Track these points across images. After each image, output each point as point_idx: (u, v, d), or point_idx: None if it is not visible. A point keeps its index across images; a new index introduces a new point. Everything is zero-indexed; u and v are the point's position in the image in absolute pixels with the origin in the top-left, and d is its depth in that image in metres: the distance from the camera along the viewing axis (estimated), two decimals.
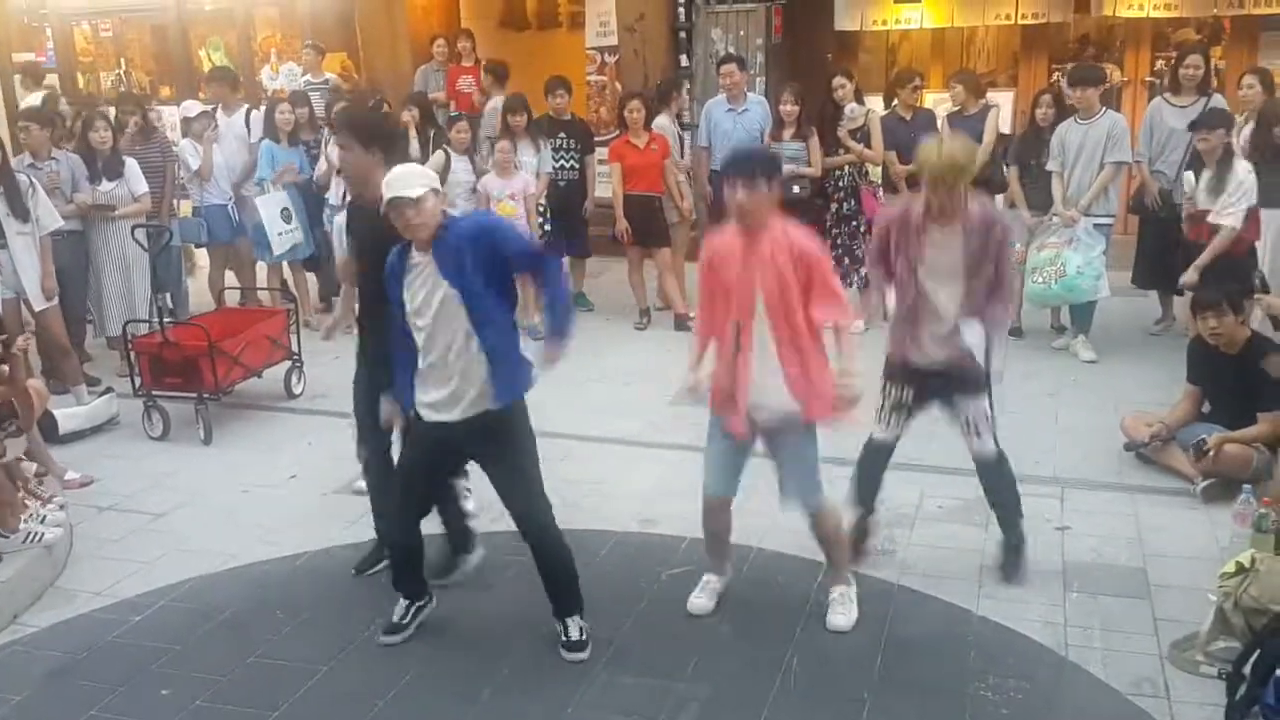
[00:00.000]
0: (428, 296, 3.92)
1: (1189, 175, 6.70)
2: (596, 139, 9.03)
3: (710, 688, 3.99)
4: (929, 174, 4.28)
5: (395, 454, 4.61)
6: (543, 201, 8.21)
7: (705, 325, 4.25)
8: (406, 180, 3.85)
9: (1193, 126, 6.77)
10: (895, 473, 5.00)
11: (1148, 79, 9.95)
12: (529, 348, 4.17)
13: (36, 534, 5.03)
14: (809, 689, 3.96)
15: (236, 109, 8.91)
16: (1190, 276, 6.43)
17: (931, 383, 4.50)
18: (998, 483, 4.61)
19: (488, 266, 3.90)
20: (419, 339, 4.00)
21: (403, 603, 4.40)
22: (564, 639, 4.21)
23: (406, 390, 4.12)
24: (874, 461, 4.72)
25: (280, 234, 8.29)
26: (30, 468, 5.64)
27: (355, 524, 5.38)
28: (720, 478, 4.31)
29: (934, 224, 4.33)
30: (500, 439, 4.07)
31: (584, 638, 4.20)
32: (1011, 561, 4.64)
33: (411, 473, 4.24)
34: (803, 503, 4.27)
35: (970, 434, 4.50)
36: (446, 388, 4.00)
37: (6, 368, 5.45)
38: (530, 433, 4.14)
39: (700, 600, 4.51)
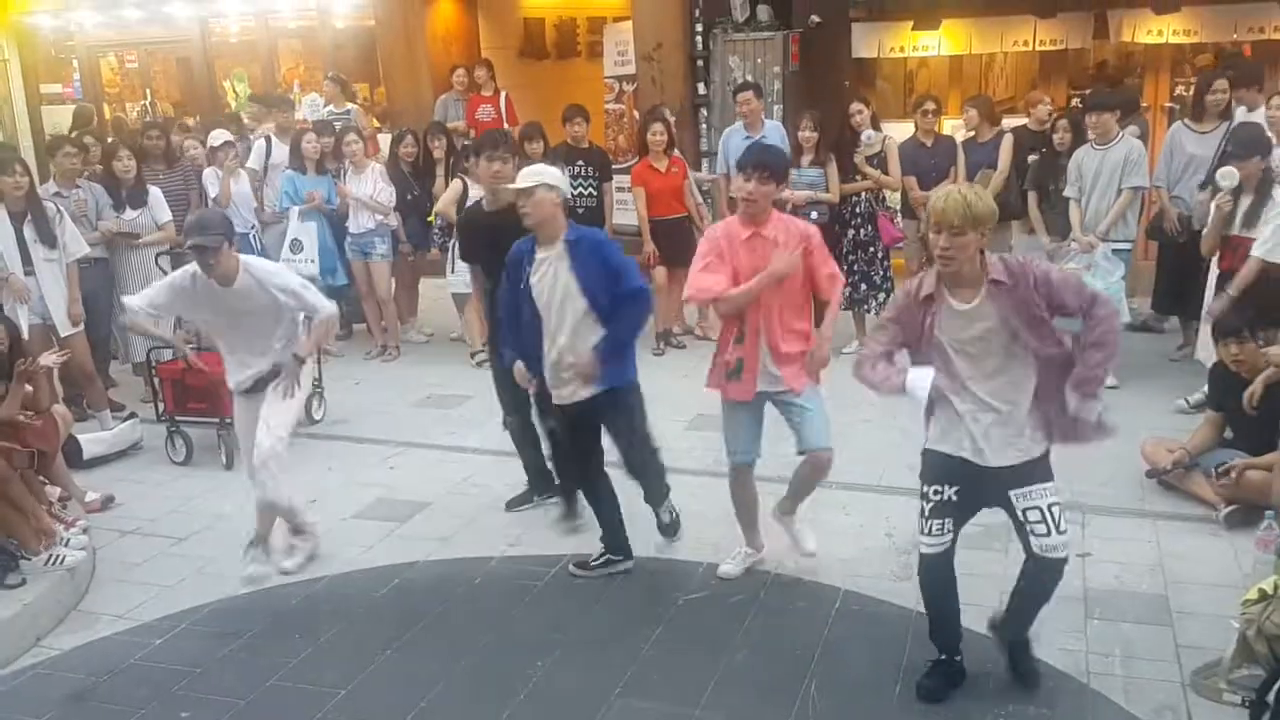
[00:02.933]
0: (553, 286, 4.68)
1: (1227, 170, 6.54)
2: (614, 166, 9.07)
3: (727, 713, 3.98)
4: (933, 217, 3.69)
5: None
6: None
7: (707, 288, 4.56)
8: (524, 175, 4.72)
9: (1227, 158, 6.71)
10: (912, 498, 4.99)
11: (1167, 105, 9.93)
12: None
13: (59, 556, 5.08)
14: (826, 716, 3.94)
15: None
16: (1218, 306, 6.33)
17: (989, 485, 3.84)
18: (1046, 589, 3.94)
19: (602, 273, 4.69)
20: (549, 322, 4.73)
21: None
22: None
23: (533, 360, 4.84)
24: (937, 582, 3.97)
25: (286, 261, 8.35)
26: (54, 492, 5.70)
27: (372, 549, 5.42)
28: (743, 445, 4.72)
29: (950, 293, 3.75)
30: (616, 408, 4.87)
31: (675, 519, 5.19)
32: (1030, 670, 4.12)
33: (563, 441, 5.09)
34: (817, 445, 4.63)
35: (1046, 525, 3.79)
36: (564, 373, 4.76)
37: (31, 387, 5.52)
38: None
39: (729, 567, 4.92)
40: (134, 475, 6.52)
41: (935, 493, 3.87)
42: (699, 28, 10.32)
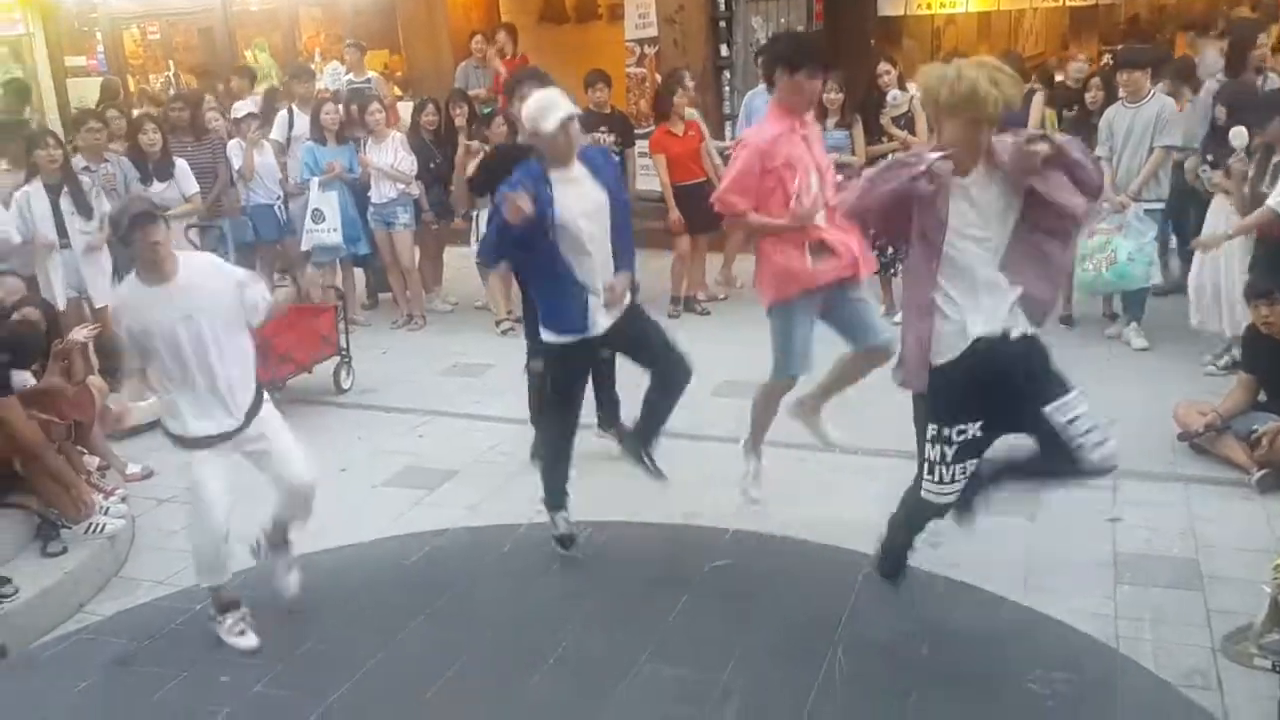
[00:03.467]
0: (586, 204, 4.45)
1: (1240, 130, 6.48)
2: (636, 131, 9.04)
3: (754, 680, 4.01)
4: (945, 105, 3.38)
5: None
6: None
7: (744, 203, 4.49)
8: (546, 106, 4.37)
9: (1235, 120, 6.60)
10: None
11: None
12: None
13: (99, 525, 5.19)
14: (853, 682, 3.96)
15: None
16: (1206, 240, 6.24)
17: (1004, 384, 3.54)
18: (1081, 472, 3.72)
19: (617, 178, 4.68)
20: (584, 247, 4.45)
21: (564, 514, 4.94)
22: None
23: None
24: (920, 522, 3.97)
25: (308, 232, 8.41)
26: (93, 462, 5.79)
27: (402, 516, 5.48)
28: (803, 361, 4.64)
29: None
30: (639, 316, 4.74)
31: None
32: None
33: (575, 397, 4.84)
34: (880, 338, 4.56)
35: (1089, 436, 3.56)
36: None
37: (67, 362, 5.61)
38: None
39: (756, 492, 4.98)
40: (169, 445, 6.56)
41: (959, 432, 3.52)
42: None
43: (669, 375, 4.78)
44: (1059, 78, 8.44)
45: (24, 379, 5.41)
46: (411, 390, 7.28)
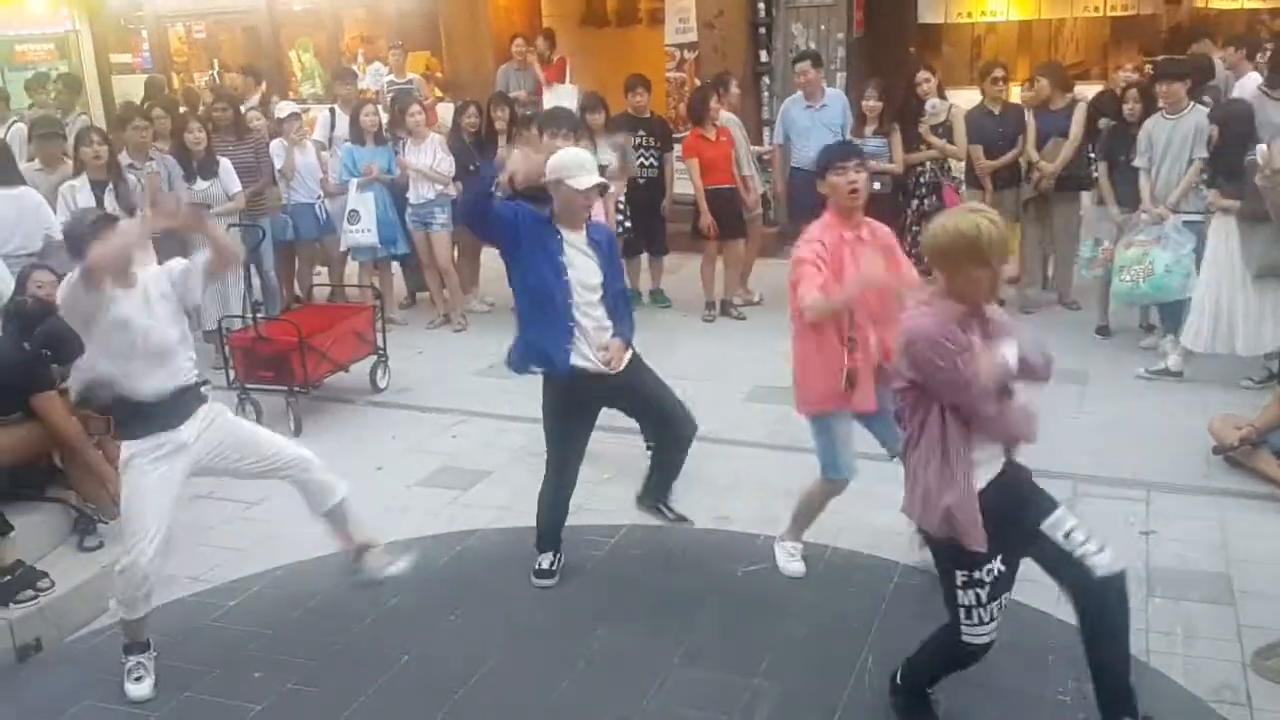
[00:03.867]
0: (585, 272, 4.54)
1: (1262, 148, 6.44)
2: (675, 135, 9.08)
3: (785, 685, 4.04)
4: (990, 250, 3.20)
5: None
6: (621, 200, 8.26)
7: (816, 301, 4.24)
8: (575, 165, 4.48)
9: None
10: None
11: None
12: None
13: None
14: (883, 690, 3.95)
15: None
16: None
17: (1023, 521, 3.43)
18: (1121, 619, 3.46)
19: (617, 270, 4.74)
20: (586, 304, 4.54)
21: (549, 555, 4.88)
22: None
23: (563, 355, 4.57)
24: (960, 667, 3.65)
25: (345, 232, 8.51)
26: None
27: (438, 515, 5.54)
28: (851, 461, 4.59)
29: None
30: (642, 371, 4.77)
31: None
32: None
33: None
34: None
35: (1088, 545, 3.41)
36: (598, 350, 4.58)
37: None
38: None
39: (797, 565, 4.82)
40: None
41: (987, 572, 3.36)
42: None
43: (676, 436, 4.86)
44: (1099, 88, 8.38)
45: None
46: (447, 390, 7.34)
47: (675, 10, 11.05)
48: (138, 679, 4.19)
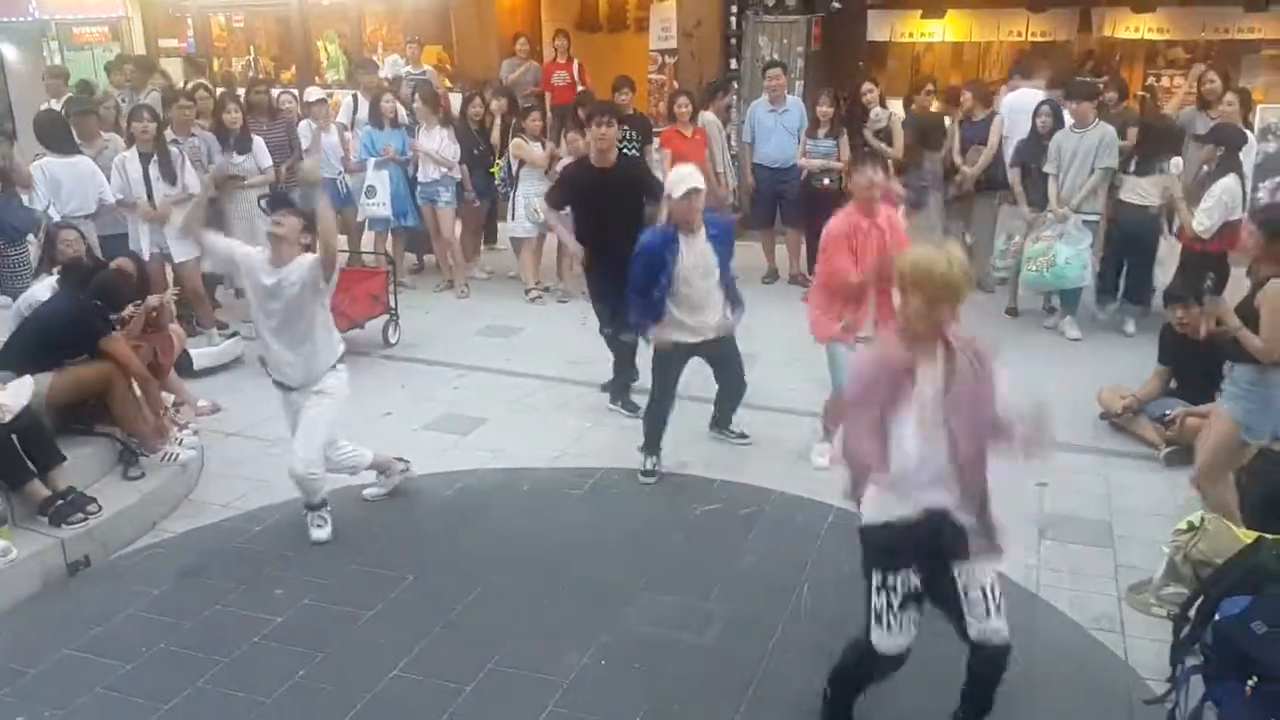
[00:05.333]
0: (701, 266, 4.93)
1: (1176, 161, 6.51)
2: (654, 130, 9.00)
3: (733, 608, 4.09)
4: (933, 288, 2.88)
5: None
6: None
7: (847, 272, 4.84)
8: (695, 177, 4.89)
9: (1200, 141, 6.62)
10: None
11: (1138, 93, 9.71)
12: None
13: (173, 454, 5.20)
14: (817, 614, 4.03)
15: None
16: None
17: (937, 547, 3.03)
18: (996, 675, 3.15)
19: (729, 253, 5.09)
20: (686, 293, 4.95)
21: (654, 458, 5.20)
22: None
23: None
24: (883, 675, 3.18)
25: (362, 205, 8.42)
26: (169, 398, 5.82)
27: (439, 456, 5.53)
28: None
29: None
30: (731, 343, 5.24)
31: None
32: None
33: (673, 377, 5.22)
34: None
35: (987, 608, 3.01)
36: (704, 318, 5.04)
37: (155, 306, 5.65)
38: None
39: (823, 460, 5.11)
40: (236, 385, 6.61)
41: (898, 579, 2.98)
42: (734, 9, 10.13)
43: (736, 389, 5.42)
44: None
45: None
46: (450, 346, 7.29)
47: (659, 19, 10.92)
48: (319, 525, 4.61)
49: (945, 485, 2.98)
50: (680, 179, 4.90)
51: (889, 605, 2.98)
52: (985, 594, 3.01)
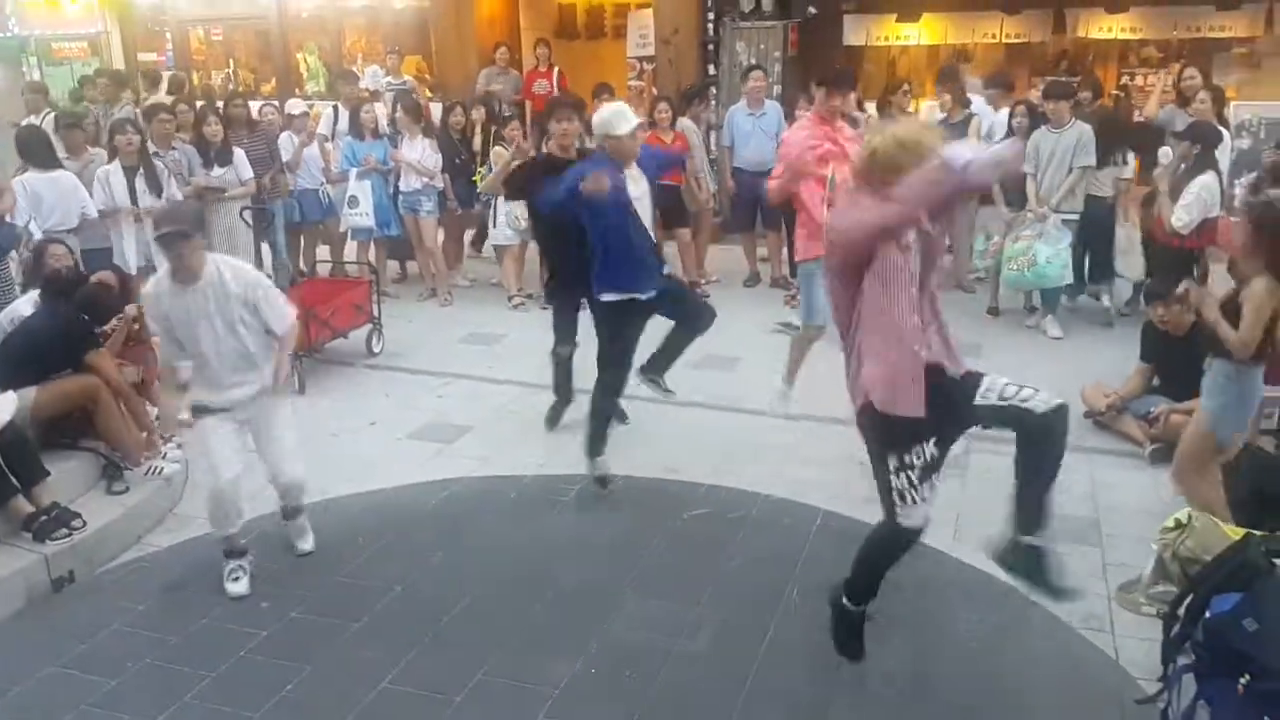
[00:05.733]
0: (639, 191, 4.74)
1: (1164, 150, 6.52)
2: None
3: (723, 613, 4.03)
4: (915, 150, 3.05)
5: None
6: None
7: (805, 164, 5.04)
8: (620, 118, 4.67)
9: (1178, 137, 6.64)
10: None
11: (1113, 92, 9.76)
12: None
13: (157, 468, 5.12)
14: (806, 617, 3.96)
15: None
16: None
17: (956, 405, 3.17)
18: (1061, 437, 3.21)
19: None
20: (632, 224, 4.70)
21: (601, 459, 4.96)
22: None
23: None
24: (898, 553, 3.37)
25: (345, 215, 8.33)
26: (153, 412, 5.72)
27: (423, 465, 5.46)
28: (821, 313, 5.00)
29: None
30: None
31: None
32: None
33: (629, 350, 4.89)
34: None
35: (1027, 393, 3.15)
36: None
37: (137, 326, 5.55)
38: None
39: (786, 406, 5.32)
40: None
41: (916, 456, 3.13)
42: (711, 16, 10.13)
43: (698, 318, 5.04)
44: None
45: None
46: (433, 355, 7.22)
47: (636, 27, 10.92)
48: (235, 578, 4.28)
49: (933, 340, 3.13)
50: (623, 114, 4.69)
51: (910, 483, 3.14)
52: (1007, 386, 3.15)
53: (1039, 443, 3.20)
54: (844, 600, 3.51)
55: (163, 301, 4.13)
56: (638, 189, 4.79)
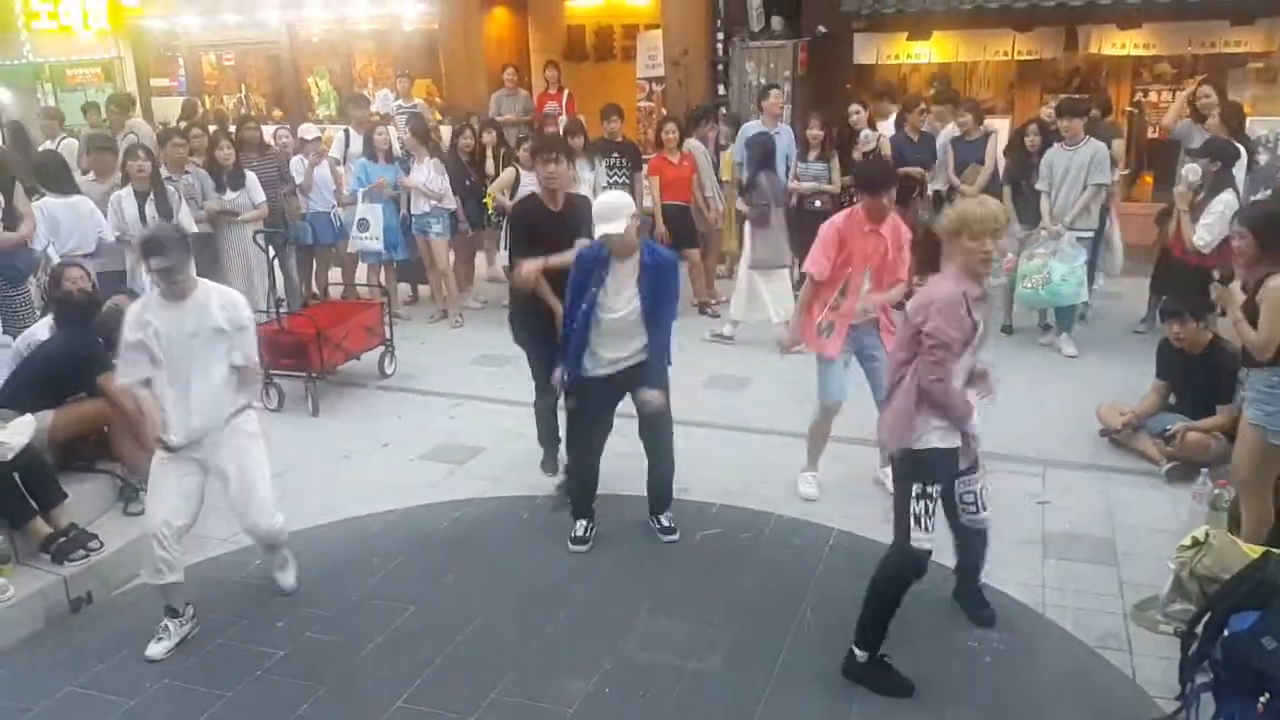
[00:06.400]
0: (622, 297, 4.46)
1: (1192, 167, 6.53)
2: (644, 157, 9.05)
3: (737, 632, 4.06)
4: (984, 224, 3.46)
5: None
6: None
7: (821, 273, 4.92)
8: (615, 213, 4.32)
9: (1192, 155, 6.68)
10: None
11: (1127, 109, 9.80)
12: None
13: None
14: (820, 636, 4.01)
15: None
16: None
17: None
18: (980, 549, 4.05)
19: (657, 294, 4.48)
20: (603, 323, 4.49)
21: (583, 522, 4.86)
22: (660, 527, 4.88)
23: (576, 361, 4.59)
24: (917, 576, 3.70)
25: (355, 238, 8.42)
26: None
27: (435, 486, 5.52)
28: (839, 387, 5.04)
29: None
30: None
31: (673, 526, 4.88)
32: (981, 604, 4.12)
33: (599, 418, 4.75)
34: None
35: (973, 507, 3.91)
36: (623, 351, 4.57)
37: None
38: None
39: (809, 489, 5.16)
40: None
41: (935, 489, 3.60)
42: (720, 36, 10.24)
43: (658, 460, 4.85)
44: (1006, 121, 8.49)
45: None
46: (445, 377, 7.28)
47: (646, 48, 11.04)
48: (157, 638, 4.08)
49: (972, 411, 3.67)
50: (613, 210, 4.34)
51: (926, 510, 3.57)
52: (978, 495, 3.89)
53: (964, 550, 4.10)
54: (854, 651, 3.75)
55: (147, 310, 4.04)
56: (621, 293, 4.43)
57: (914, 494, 3.57)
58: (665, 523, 4.88)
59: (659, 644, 4.00)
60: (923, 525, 3.57)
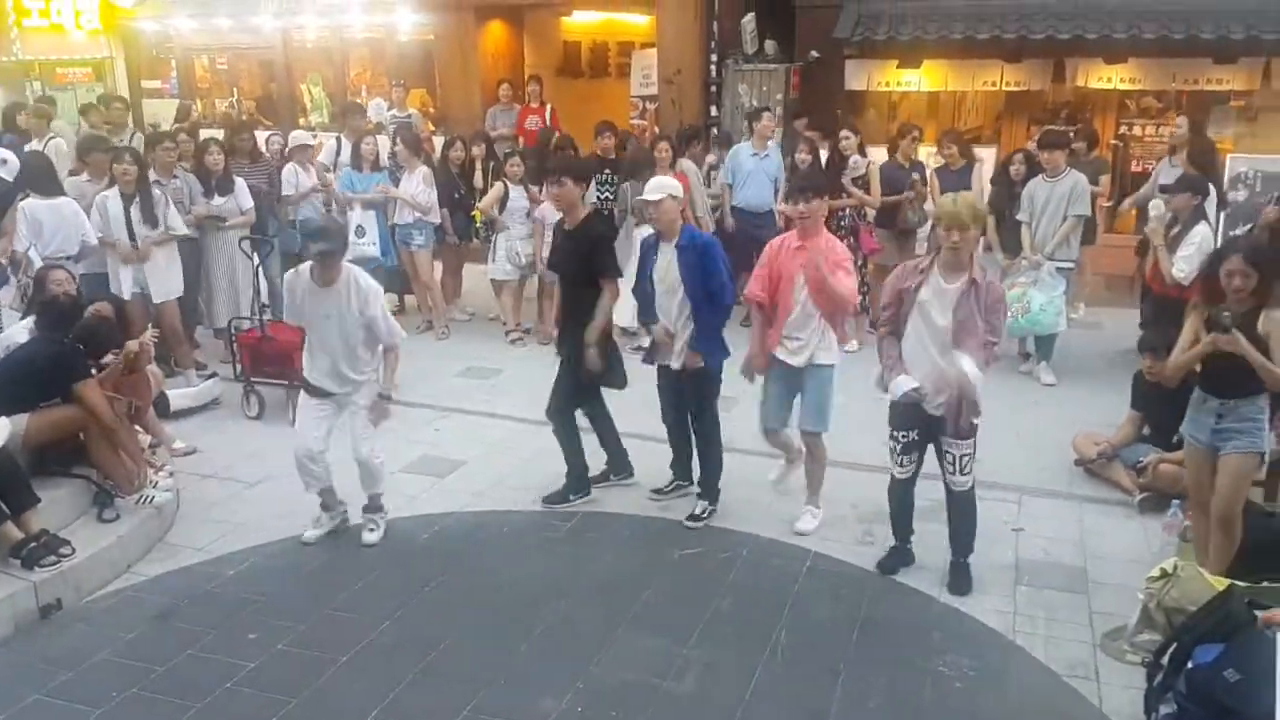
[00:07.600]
0: (666, 278, 5.04)
1: (1156, 202, 6.63)
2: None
3: (712, 652, 4.08)
4: (946, 218, 4.23)
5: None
6: None
7: (752, 294, 5.06)
8: (652, 188, 5.03)
9: (1165, 190, 6.77)
10: (875, 475, 5.08)
11: (1112, 142, 9.92)
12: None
13: (148, 497, 5.15)
14: (793, 658, 4.04)
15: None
16: None
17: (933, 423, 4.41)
18: (968, 512, 4.60)
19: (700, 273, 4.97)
20: (657, 294, 5.10)
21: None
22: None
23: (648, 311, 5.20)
24: (901, 497, 4.71)
25: (352, 244, 8.39)
26: (145, 440, 5.78)
27: (416, 499, 5.52)
28: (772, 414, 5.11)
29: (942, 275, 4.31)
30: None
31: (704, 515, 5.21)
32: (962, 577, 4.61)
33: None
34: (811, 426, 5.00)
35: (953, 469, 4.46)
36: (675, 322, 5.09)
37: (134, 350, 5.61)
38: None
39: (808, 523, 5.14)
40: (214, 427, 6.59)
41: (902, 435, 4.48)
42: (714, 57, 10.32)
43: (703, 447, 5.32)
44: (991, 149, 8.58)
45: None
46: (430, 389, 7.27)
47: (640, 66, 11.10)
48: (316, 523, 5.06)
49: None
50: (656, 187, 5.06)
51: (890, 450, 4.55)
52: (957, 460, 4.43)
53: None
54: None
55: (297, 293, 4.86)
56: (666, 273, 5.04)
57: (889, 436, 4.59)
58: (697, 510, 5.21)
59: (634, 663, 4.02)
60: (893, 461, 4.59)
